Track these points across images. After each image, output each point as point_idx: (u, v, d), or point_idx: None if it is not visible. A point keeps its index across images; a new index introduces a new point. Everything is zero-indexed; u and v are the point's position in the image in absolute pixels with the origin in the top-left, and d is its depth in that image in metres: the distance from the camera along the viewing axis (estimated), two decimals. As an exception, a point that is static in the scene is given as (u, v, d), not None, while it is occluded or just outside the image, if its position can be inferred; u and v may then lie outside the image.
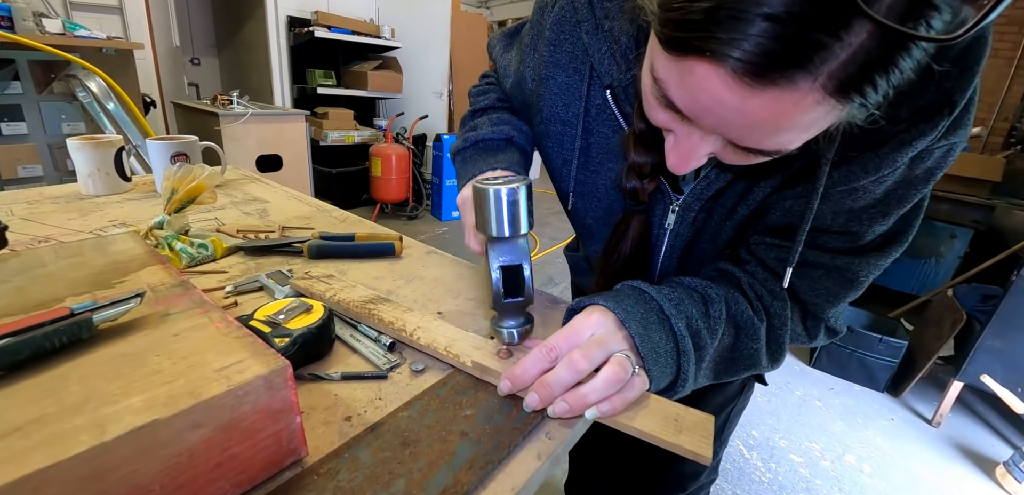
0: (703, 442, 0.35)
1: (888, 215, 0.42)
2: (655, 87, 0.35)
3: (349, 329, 0.50)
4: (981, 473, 1.67)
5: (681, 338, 0.42)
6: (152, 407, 0.26)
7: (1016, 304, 1.66)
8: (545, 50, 0.54)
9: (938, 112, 0.36)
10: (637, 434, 0.37)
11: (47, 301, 0.37)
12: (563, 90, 0.54)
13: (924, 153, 0.39)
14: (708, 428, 0.37)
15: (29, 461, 0.22)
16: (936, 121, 0.37)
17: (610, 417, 0.38)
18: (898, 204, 0.42)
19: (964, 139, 0.39)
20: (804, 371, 2.19)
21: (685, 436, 0.36)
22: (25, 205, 0.86)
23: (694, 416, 0.38)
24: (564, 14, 0.52)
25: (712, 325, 0.45)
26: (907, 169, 0.40)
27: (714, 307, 0.45)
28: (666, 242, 0.54)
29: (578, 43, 0.52)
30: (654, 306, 0.43)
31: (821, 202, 0.42)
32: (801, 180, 0.44)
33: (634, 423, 0.37)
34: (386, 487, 0.31)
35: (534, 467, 0.34)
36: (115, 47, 2.27)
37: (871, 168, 0.39)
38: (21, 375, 0.28)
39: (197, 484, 0.27)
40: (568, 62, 0.53)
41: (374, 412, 0.38)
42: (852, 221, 0.44)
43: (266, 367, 0.29)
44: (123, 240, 0.50)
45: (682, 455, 0.35)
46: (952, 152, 0.39)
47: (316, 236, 0.71)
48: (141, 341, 0.32)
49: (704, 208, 0.50)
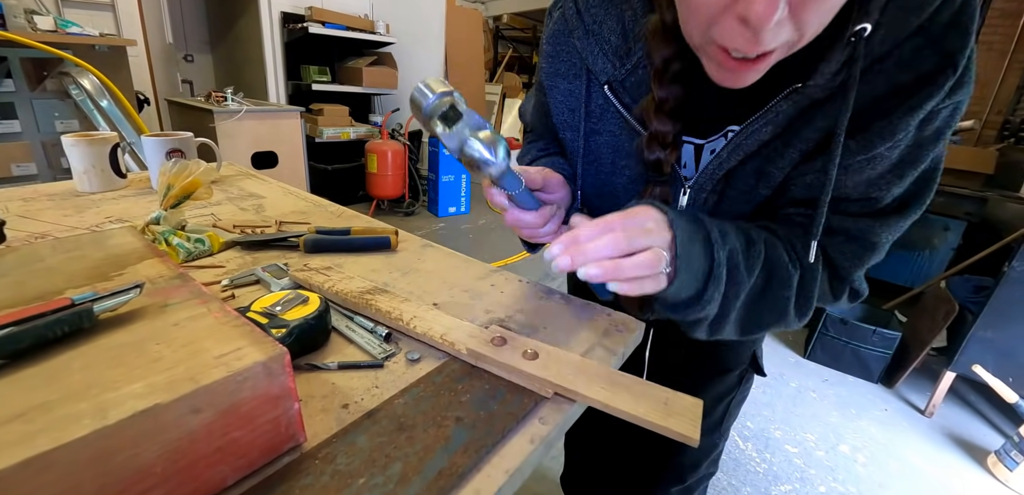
0: (691, 425, 0.36)
1: (904, 178, 0.44)
2: None
3: (345, 320, 0.51)
4: (973, 462, 1.69)
5: (718, 266, 0.44)
6: (153, 392, 0.26)
7: (1008, 295, 1.68)
8: (545, 64, 0.58)
9: (941, 73, 0.38)
10: (627, 417, 0.38)
11: (47, 294, 0.37)
12: (566, 96, 0.57)
13: (932, 114, 0.41)
14: (697, 412, 0.38)
15: (34, 444, 0.23)
16: (940, 81, 0.38)
17: (610, 405, 0.39)
18: (912, 166, 0.43)
19: (967, 97, 0.41)
20: (799, 363, 2.21)
21: (674, 419, 0.37)
22: (21, 202, 0.86)
23: (684, 400, 0.39)
24: (557, 28, 0.56)
25: (751, 263, 0.46)
26: (917, 132, 0.42)
27: (755, 247, 0.47)
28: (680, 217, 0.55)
29: (573, 50, 0.55)
30: (702, 230, 0.45)
31: (841, 174, 0.44)
32: (818, 154, 0.45)
33: (624, 406, 0.38)
34: (383, 470, 0.32)
35: (527, 451, 0.35)
36: (108, 44, 2.26)
37: (886, 134, 0.41)
38: (24, 363, 0.29)
39: (198, 467, 0.28)
40: (567, 70, 0.56)
41: (371, 399, 0.39)
42: (871, 188, 0.45)
43: (264, 354, 0.30)
44: (121, 234, 0.50)
45: (671, 437, 0.36)
46: (958, 110, 0.41)
47: (312, 230, 0.71)
48: (141, 330, 0.33)
49: (716, 189, 0.51)
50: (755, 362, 0.76)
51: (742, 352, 0.75)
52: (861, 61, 0.39)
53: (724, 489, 1.49)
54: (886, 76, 0.41)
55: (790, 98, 0.43)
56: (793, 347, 2.33)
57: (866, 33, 0.39)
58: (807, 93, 0.42)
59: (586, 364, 0.43)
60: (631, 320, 0.55)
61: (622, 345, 0.50)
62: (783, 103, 0.44)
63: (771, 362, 2.20)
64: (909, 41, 0.39)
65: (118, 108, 2.07)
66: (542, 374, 0.41)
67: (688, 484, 0.85)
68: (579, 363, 0.43)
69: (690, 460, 0.82)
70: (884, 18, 0.39)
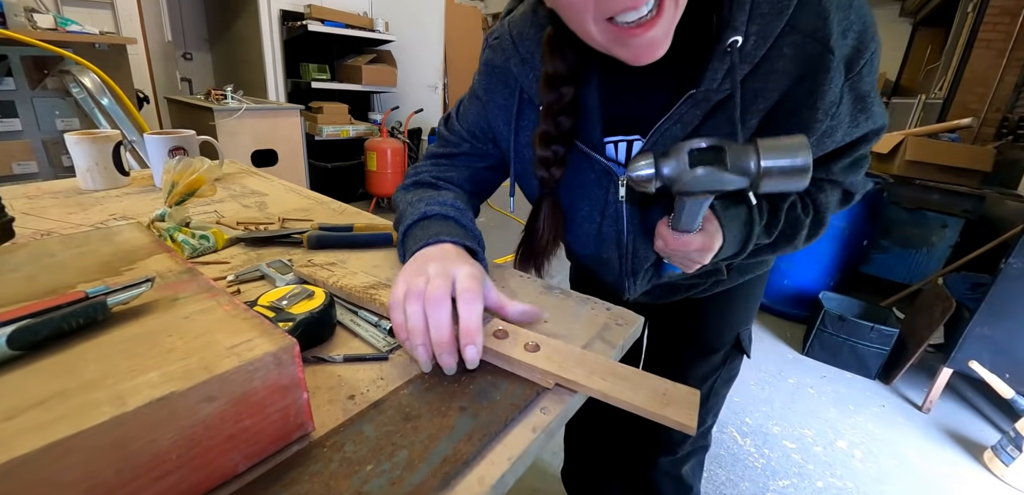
0: (689, 414, 0.37)
1: (859, 125, 0.53)
2: None
3: (350, 315, 0.52)
4: (970, 457, 1.70)
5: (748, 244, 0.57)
6: (168, 381, 0.27)
7: (1004, 291, 1.70)
8: (484, 81, 0.65)
9: (821, 57, 0.46)
10: (626, 407, 0.39)
11: (59, 288, 0.38)
12: (502, 110, 0.64)
13: (853, 78, 0.48)
14: (694, 401, 0.39)
15: (55, 430, 0.24)
16: (826, 63, 0.46)
17: (609, 395, 0.40)
18: (862, 113, 0.52)
19: (874, 41, 0.48)
20: (797, 359, 2.23)
21: (672, 408, 0.38)
22: (25, 200, 0.87)
23: (680, 390, 0.40)
24: (493, 56, 0.63)
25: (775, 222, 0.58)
26: (849, 94, 0.49)
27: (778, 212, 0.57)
28: (626, 213, 0.61)
29: (509, 75, 0.62)
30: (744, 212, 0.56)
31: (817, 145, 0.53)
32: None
33: (624, 396, 0.39)
34: (390, 457, 0.32)
35: (530, 439, 0.36)
36: (108, 42, 2.26)
37: (819, 115, 0.48)
38: (40, 355, 0.30)
39: (211, 454, 0.29)
40: (502, 88, 0.63)
41: (376, 391, 0.40)
42: (846, 136, 0.54)
43: (275, 345, 0.31)
44: (129, 230, 0.51)
45: (669, 426, 0.37)
46: (873, 58, 0.49)
47: (315, 227, 0.72)
48: (153, 323, 0.34)
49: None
50: (739, 343, 0.82)
51: (725, 335, 0.81)
52: (738, 68, 0.47)
53: (723, 484, 1.50)
54: (783, 74, 0.47)
55: (689, 102, 0.50)
56: (791, 344, 2.34)
57: (738, 44, 0.46)
58: (703, 97, 0.49)
59: (586, 356, 0.44)
60: (630, 314, 0.56)
61: (621, 338, 0.51)
62: (684, 107, 0.50)
63: (769, 359, 2.21)
64: (784, 39, 0.46)
65: (119, 106, 2.07)
66: (543, 365, 0.42)
67: (678, 456, 0.91)
68: (579, 355, 0.44)
69: (680, 434, 0.87)
70: (751, 28, 0.46)
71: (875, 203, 2.37)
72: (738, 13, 0.45)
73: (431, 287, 0.42)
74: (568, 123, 0.56)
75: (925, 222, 2.66)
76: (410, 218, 0.57)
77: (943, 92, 4.13)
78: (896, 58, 6.36)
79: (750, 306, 0.82)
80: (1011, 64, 3.64)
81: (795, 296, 2.52)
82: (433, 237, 0.52)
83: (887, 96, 6.07)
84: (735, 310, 0.80)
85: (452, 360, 0.41)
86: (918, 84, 5.55)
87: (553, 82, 0.54)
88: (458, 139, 0.70)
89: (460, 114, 0.71)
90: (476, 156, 0.70)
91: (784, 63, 0.47)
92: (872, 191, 2.32)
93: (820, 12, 0.45)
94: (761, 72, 0.48)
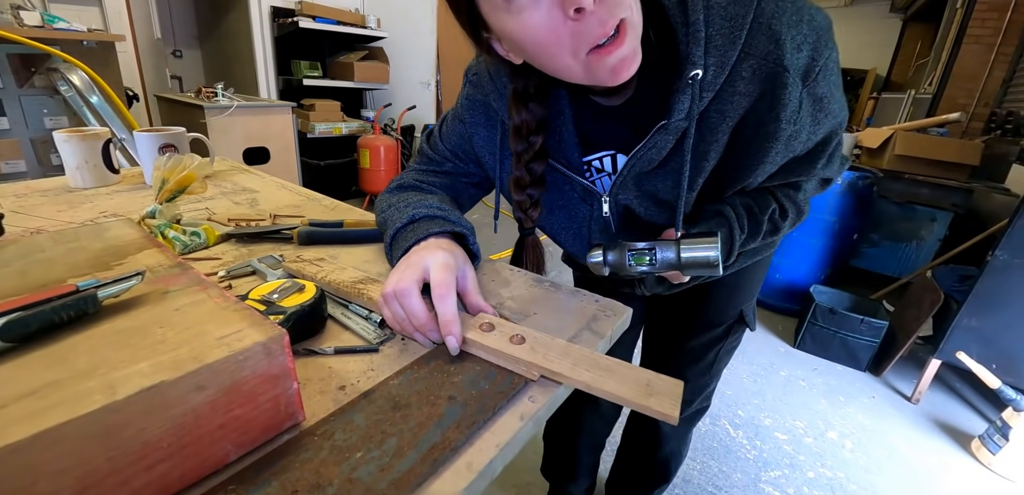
0: (672, 404, 0.38)
1: (821, 124, 0.56)
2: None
3: (340, 308, 0.52)
4: (957, 446, 1.73)
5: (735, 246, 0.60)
6: (159, 371, 0.28)
7: (991, 284, 1.72)
8: (467, 115, 0.68)
9: (778, 76, 0.49)
10: (611, 399, 0.40)
11: (50, 282, 0.38)
12: (486, 141, 0.68)
13: (811, 85, 0.51)
14: (677, 392, 0.39)
15: (46, 418, 0.24)
16: (784, 80, 0.49)
17: (593, 386, 0.41)
18: (822, 113, 0.55)
19: (830, 44, 0.51)
20: (789, 352, 2.25)
21: (655, 399, 0.39)
22: (13, 198, 0.86)
23: (665, 382, 0.41)
24: (474, 91, 0.66)
25: (756, 230, 0.62)
26: (809, 100, 0.52)
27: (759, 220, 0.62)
28: (615, 222, 0.66)
29: (489, 108, 0.65)
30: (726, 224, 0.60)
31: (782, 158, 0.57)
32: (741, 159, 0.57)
33: (608, 388, 0.40)
34: (379, 445, 0.33)
35: (517, 427, 0.37)
36: (96, 39, 2.24)
37: (783, 123, 0.51)
38: (32, 347, 0.30)
39: (202, 443, 0.29)
40: (485, 122, 0.67)
41: (367, 381, 0.41)
42: (810, 140, 0.57)
43: (264, 335, 0.31)
44: (119, 226, 0.51)
45: (653, 416, 0.38)
46: (829, 60, 0.51)
47: (305, 223, 0.72)
48: (144, 315, 0.34)
49: (630, 198, 0.62)
50: (742, 317, 0.86)
51: (729, 312, 0.85)
52: (699, 99, 0.51)
53: (716, 475, 1.52)
54: (744, 95, 0.51)
55: (661, 132, 0.53)
56: (783, 337, 2.37)
57: (699, 77, 0.50)
58: (674, 127, 0.53)
59: (571, 348, 0.45)
60: (618, 305, 0.57)
61: (609, 328, 0.52)
62: (657, 136, 0.54)
63: (762, 352, 2.23)
64: (741, 65, 0.50)
65: (108, 104, 2.05)
66: (528, 357, 0.42)
67: (683, 416, 0.96)
68: (564, 347, 0.45)
69: (685, 397, 0.91)
70: (709, 60, 0.49)
71: (865, 197, 2.40)
72: (695, 48, 0.49)
73: (400, 283, 0.46)
74: (540, 169, 0.62)
75: (914, 216, 2.70)
76: (397, 222, 0.58)
77: (932, 87, 4.18)
78: (886, 53, 6.41)
79: (755, 285, 0.86)
80: (999, 59, 3.68)
81: (786, 290, 2.55)
82: (421, 236, 0.54)
83: (877, 91, 6.13)
84: (741, 290, 0.84)
85: (440, 337, 0.45)
86: (908, 79, 5.60)
87: (521, 132, 0.59)
88: (441, 158, 0.72)
89: (444, 134, 0.73)
90: (459, 175, 0.73)
91: (743, 85, 0.51)
92: (862, 185, 2.34)
93: (771, 35, 0.48)
94: (724, 96, 0.52)
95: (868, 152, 3.05)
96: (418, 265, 0.48)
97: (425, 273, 0.48)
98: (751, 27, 0.48)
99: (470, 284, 0.52)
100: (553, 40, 0.44)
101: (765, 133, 0.53)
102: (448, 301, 0.45)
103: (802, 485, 1.51)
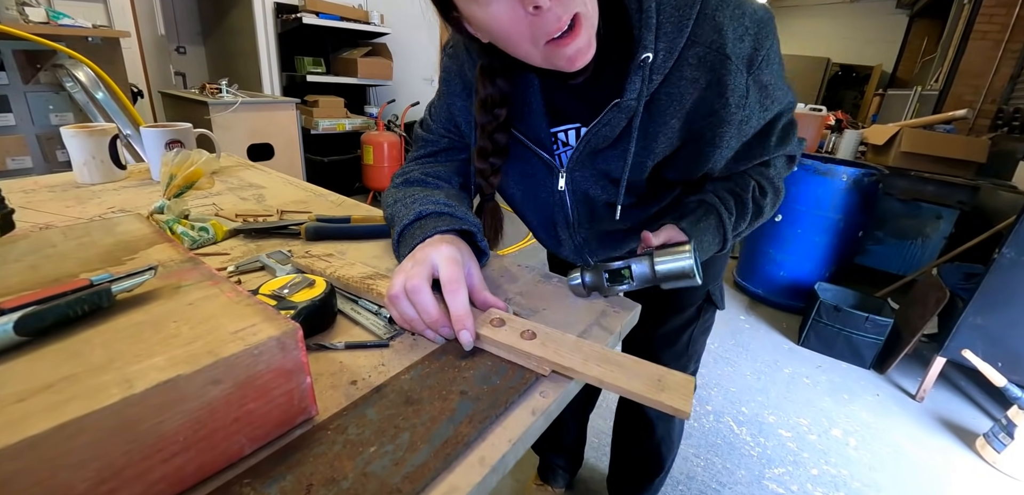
0: (684, 400, 0.38)
1: (768, 110, 0.60)
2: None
3: (350, 304, 0.52)
4: (962, 445, 1.73)
5: (726, 241, 0.64)
6: (175, 365, 0.28)
7: (998, 281, 1.71)
8: (445, 87, 0.71)
9: (722, 64, 0.53)
10: (622, 393, 0.40)
11: (62, 277, 0.38)
12: (463, 111, 0.69)
13: (754, 78, 0.55)
14: (689, 388, 0.39)
15: (63, 412, 0.24)
16: (728, 66, 0.53)
17: (605, 381, 0.41)
18: (770, 100, 0.59)
19: (770, 30, 0.55)
20: (793, 350, 2.25)
21: (667, 394, 0.39)
22: (21, 194, 0.87)
23: (676, 377, 0.41)
24: (450, 63, 0.69)
25: (743, 213, 0.64)
26: (755, 88, 0.56)
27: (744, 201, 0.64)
28: (570, 201, 0.69)
29: (465, 77, 0.67)
30: (713, 213, 0.63)
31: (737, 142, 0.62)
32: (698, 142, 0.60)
33: (620, 383, 0.40)
34: (392, 439, 0.33)
35: (529, 422, 0.37)
36: (101, 36, 2.24)
37: (732, 108, 0.56)
38: (47, 341, 0.30)
39: (217, 437, 0.29)
40: (462, 92, 0.69)
41: (378, 376, 0.41)
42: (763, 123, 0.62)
43: (278, 329, 0.31)
44: (129, 221, 0.51)
45: (665, 412, 0.38)
46: (772, 47, 0.56)
47: (313, 219, 0.72)
48: (157, 310, 0.34)
49: (586, 176, 0.65)
50: (710, 298, 0.91)
51: (697, 293, 0.90)
52: (649, 80, 0.54)
53: (719, 472, 1.52)
54: (692, 81, 0.55)
55: (614, 109, 0.57)
56: (787, 334, 2.36)
57: (649, 60, 0.54)
58: (626, 105, 0.56)
59: (582, 344, 0.45)
60: (627, 301, 0.57)
61: (619, 324, 0.52)
62: (611, 113, 0.57)
63: (766, 349, 2.23)
64: (688, 52, 0.54)
65: (114, 100, 2.06)
66: (540, 353, 0.42)
67: None
68: (574, 343, 0.45)
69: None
70: (660, 45, 0.54)
71: (870, 194, 2.38)
72: (647, 33, 0.53)
73: (409, 280, 0.46)
74: (503, 139, 0.65)
75: (920, 213, 2.68)
76: (405, 219, 0.59)
77: (939, 84, 4.15)
78: (892, 50, 6.37)
79: (719, 266, 0.91)
80: (1007, 56, 3.65)
81: (791, 287, 2.54)
82: (429, 233, 0.55)
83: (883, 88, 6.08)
84: (705, 271, 0.88)
85: (452, 332, 0.46)
86: (914, 76, 5.57)
87: (487, 105, 0.62)
88: (437, 137, 0.74)
89: (433, 114, 0.75)
90: (457, 149, 0.74)
91: (691, 71, 0.55)
92: (867, 183, 2.33)
93: (715, 26, 0.53)
94: (673, 80, 0.56)
95: (874, 149, 3.03)
96: (425, 261, 0.49)
97: (433, 270, 0.48)
98: (697, 17, 0.53)
99: (476, 280, 0.52)
100: (514, 30, 0.47)
101: (717, 119, 0.57)
102: (460, 296, 0.46)
103: (806, 482, 1.51)
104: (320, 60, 3.85)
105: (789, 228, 2.48)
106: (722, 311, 0.94)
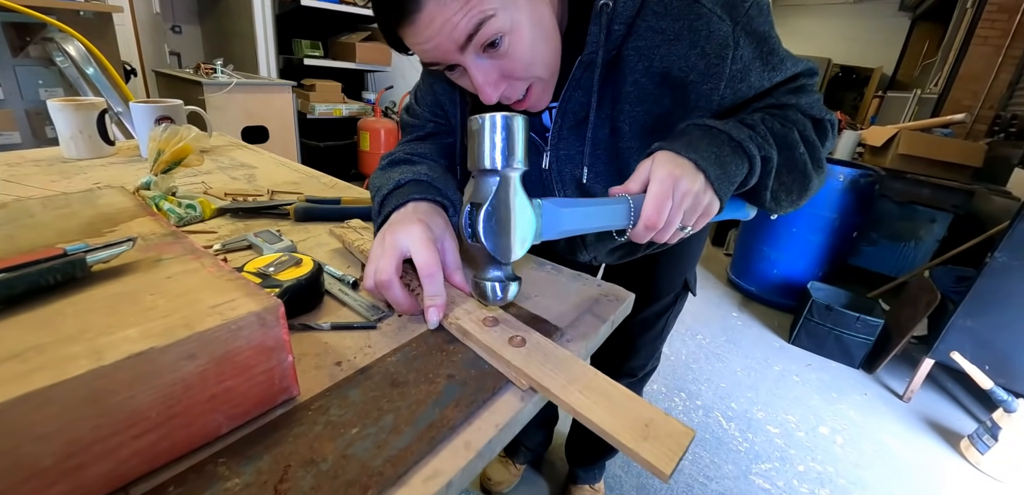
0: (668, 459, 0.31)
1: (768, 63, 0.54)
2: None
3: (338, 284, 0.51)
4: (946, 445, 1.74)
5: (753, 159, 0.50)
6: (148, 337, 0.27)
7: (988, 285, 1.72)
8: (426, 70, 0.67)
9: (690, 7, 0.50)
10: (599, 432, 0.34)
11: (38, 247, 0.37)
12: (446, 91, 0.67)
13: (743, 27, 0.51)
14: (681, 443, 0.32)
15: (31, 381, 0.23)
16: (700, 12, 0.50)
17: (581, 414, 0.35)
18: (769, 52, 0.54)
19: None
20: (783, 347, 2.26)
21: (650, 444, 0.32)
22: (6, 167, 0.85)
23: (669, 426, 0.33)
24: None
25: (765, 135, 0.52)
26: (747, 38, 0.52)
27: (758, 127, 0.53)
28: (556, 180, 0.65)
29: None
30: (724, 138, 0.50)
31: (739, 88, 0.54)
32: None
33: (598, 420, 0.34)
34: (375, 421, 0.32)
35: (517, 407, 0.36)
36: (93, 10, 2.20)
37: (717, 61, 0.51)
38: (17, 310, 0.29)
39: (193, 413, 0.29)
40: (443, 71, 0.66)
41: (363, 358, 0.40)
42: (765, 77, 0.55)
43: (259, 305, 0.30)
44: (112, 194, 0.50)
45: (640, 465, 0.32)
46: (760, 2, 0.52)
47: (303, 199, 0.71)
48: (134, 282, 0.33)
49: (570, 145, 0.62)
50: (686, 285, 0.94)
51: (675, 280, 0.92)
52: (610, 30, 0.51)
53: (707, 466, 1.53)
54: (659, 32, 0.52)
55: (580, 67, 0.54)
56: (778, 332, 2.37)
57: (609, 7, 0.51)
58: (589, 60, 0.53)
59: (573, 363, 0.39)
60: (621, 290, 0.56)
61: (611, 313, 0.51)
62: (578, 72, 0.55)
63: (756, 346, 2.24)
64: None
65: (104, 76, 2.02)
66: (521, 365, 0.38)
67: (638, 377, 1.07)
68: (564, 360, 0.40)
69: (639, 362, 1.03)
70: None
71: (866, 195, 2.39)
72: None
73: (379, 274, 0.46)
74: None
75: (914, 216, 2.69)
76: (385, 189, 0.57)
77: (938, 87, 4.15)
78: (894, 52, 6.37)
79: (696, 253, 0.93)
80: (1007, 61, 3.66)
81: (783, 285, 2.55)
82: (404, 200, 0.53)
83: (883, 90, 6.09)
84: (684, 259, 0.91)
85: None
86: (914, 79, 5.57)
87: (467, 94, 0.62)
88: (422, 121, 0.72)
89: (419, 99, 0.73)
90: (443, 133, 0.72)
91: (656, 20, 0.52)
92: (864, 183, 2.33)
93: None
94: (639, 32, 0.53)
95: (871, 150, 3.04)
96: (395, 248, 0.46)
97: (404, 253, 0.46)
98: None
99: (450, 259, 0.49)
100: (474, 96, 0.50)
101: (697, 73, 0.52)
102: (435, 282, 0.45)
103: (792, 478, 1.52)
104: (318, 43, 3.80)
105: (784, 226, 2.49)
106: (714, 307, 0.97)
